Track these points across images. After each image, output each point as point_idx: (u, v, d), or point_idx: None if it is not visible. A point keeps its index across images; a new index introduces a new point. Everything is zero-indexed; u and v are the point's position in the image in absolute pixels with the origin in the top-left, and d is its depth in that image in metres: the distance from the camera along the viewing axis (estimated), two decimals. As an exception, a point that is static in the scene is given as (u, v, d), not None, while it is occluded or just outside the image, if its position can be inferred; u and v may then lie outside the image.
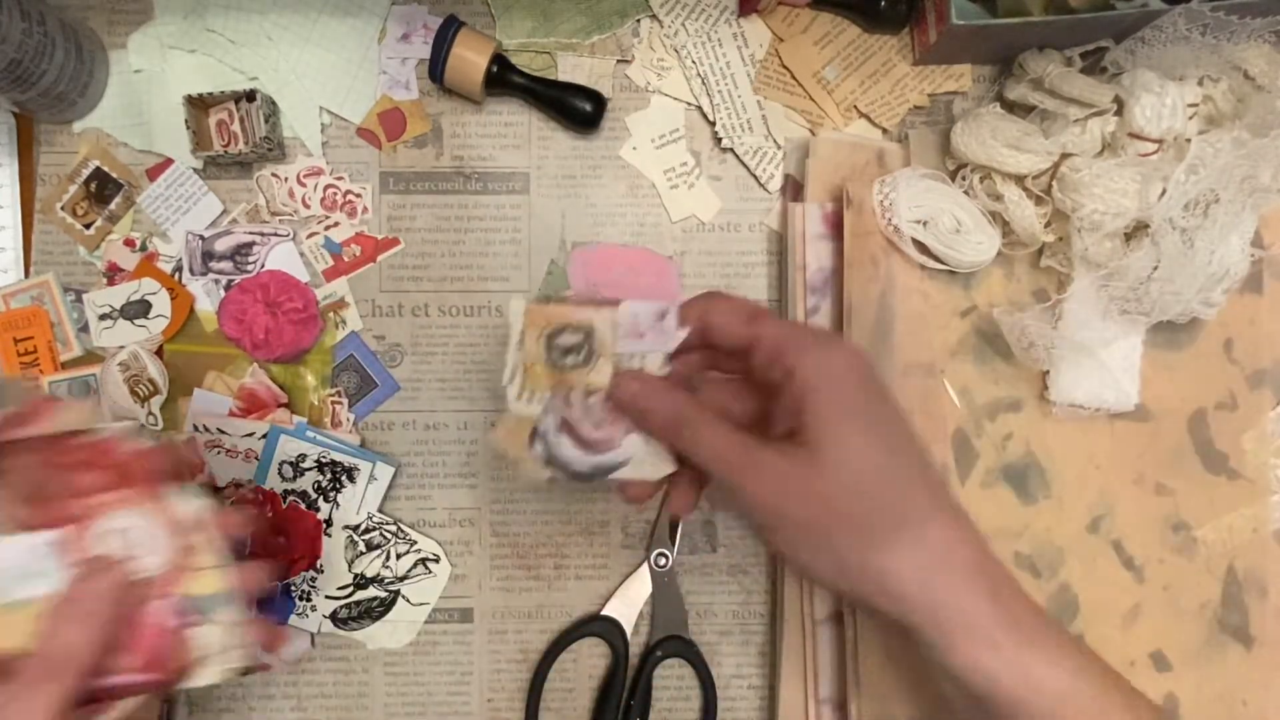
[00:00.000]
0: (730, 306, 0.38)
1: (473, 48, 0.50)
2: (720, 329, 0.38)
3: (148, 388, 0.52)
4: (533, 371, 0.38)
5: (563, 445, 0.39)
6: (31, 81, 0.47)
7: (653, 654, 0.53)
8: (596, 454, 0.38)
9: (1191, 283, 0.47)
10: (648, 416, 0.38)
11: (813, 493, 0.34)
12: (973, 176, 0.50)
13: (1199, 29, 0.46)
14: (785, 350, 0.35)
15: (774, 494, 0.34)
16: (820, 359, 0.35)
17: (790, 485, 0.34)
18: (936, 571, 0.33)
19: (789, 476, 0.34)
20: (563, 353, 0.38)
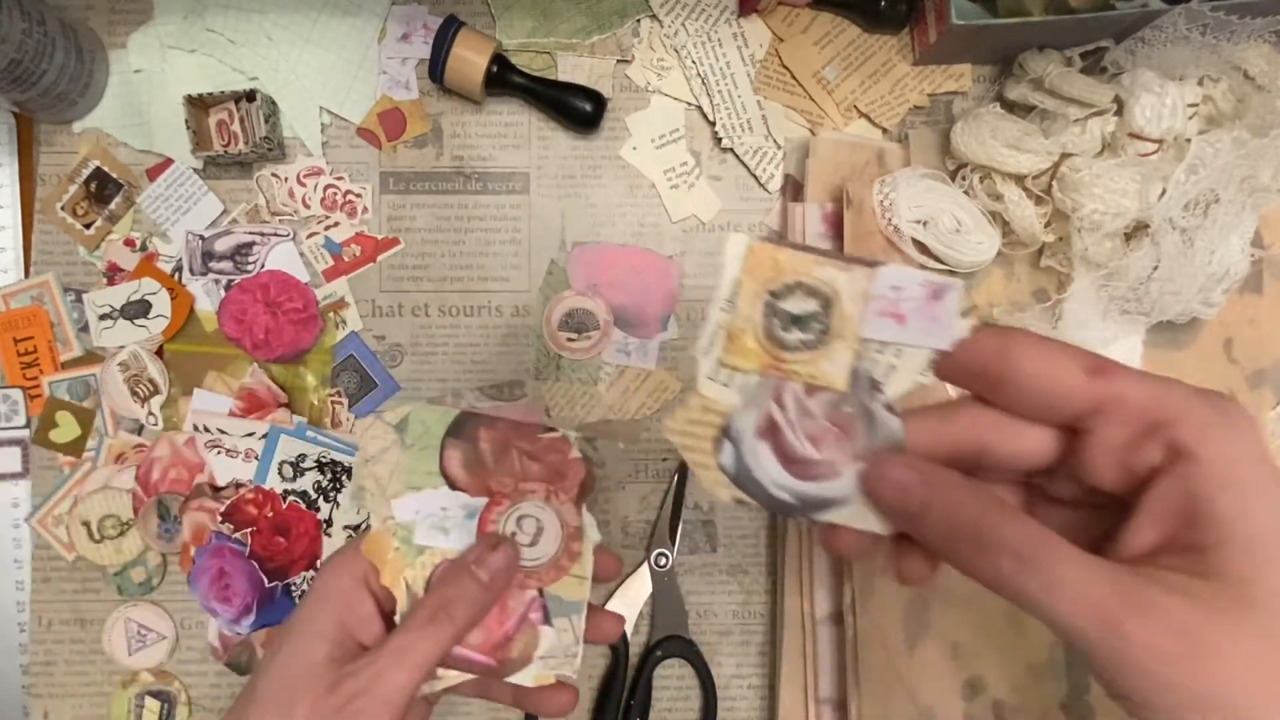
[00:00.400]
0: (1052, 357, 0.26)
1: (473, 48, 0.50)
2: (1037, 389, 0.26)
3: (148, 388, 0.52)
4: (740, 341, 0.28)
5: (761, 457, 0.29)
6: (31, 81, 0.47)
7: (653, 654, 0.53)
8: (806, 480, 0.28)
9: (1191, 283, 0.47)
10: (922, 521, 0.26)
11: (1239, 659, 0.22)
12: (973, 176, 0.50)
13: (1199, 29, 0.46)
14: (1176, 417, 0.24)
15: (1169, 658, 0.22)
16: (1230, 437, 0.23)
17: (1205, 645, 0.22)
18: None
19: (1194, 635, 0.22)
20: (788, 322, 0.28)
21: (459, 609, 0.35)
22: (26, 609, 0.53)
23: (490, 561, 0.36)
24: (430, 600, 0.35)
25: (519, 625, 0.37)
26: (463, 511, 0.37)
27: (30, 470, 0.53)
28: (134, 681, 0.53)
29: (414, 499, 0.37)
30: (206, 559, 0.50)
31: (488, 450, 0.38)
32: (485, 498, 0.37)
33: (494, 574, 0.36)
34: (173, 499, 0.51)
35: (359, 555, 0.36)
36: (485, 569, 0.35)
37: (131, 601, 0.53)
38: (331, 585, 0.36)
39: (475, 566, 0.35)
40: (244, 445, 0.51)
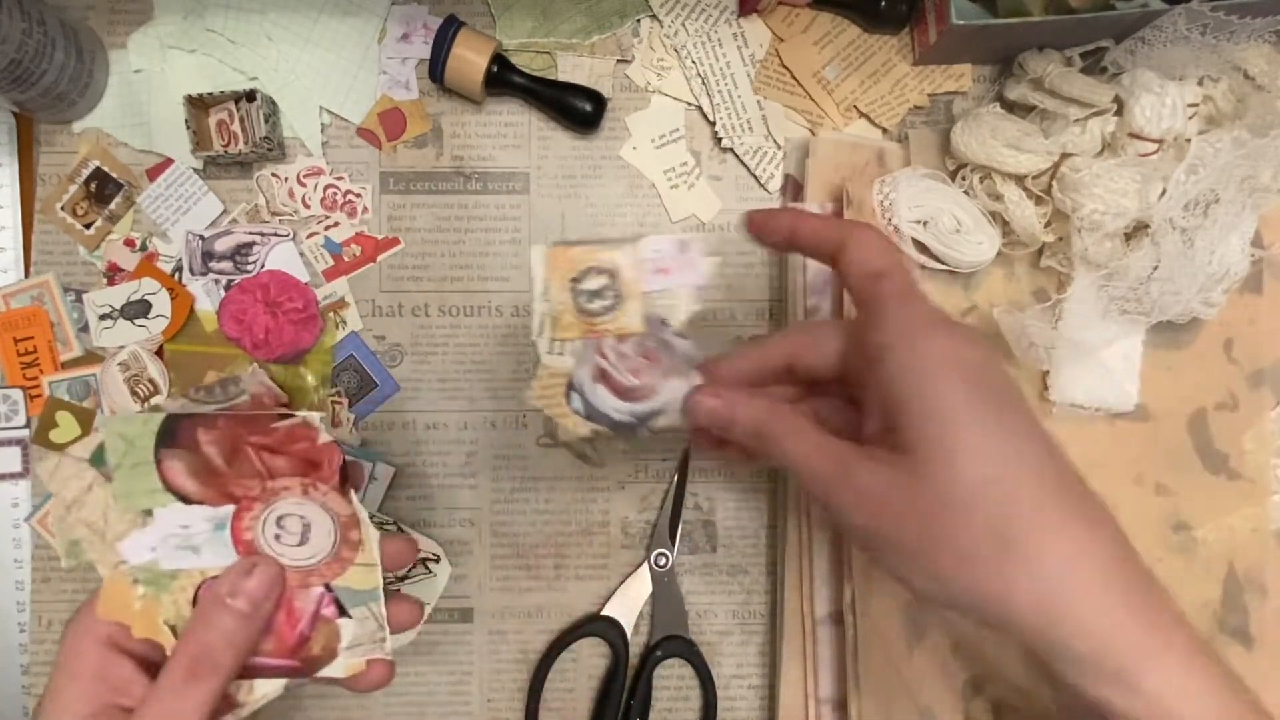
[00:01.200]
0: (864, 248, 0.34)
1: (473, 48, 0.50)
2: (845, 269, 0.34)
3: (148, 388, 0.52)
4: (561, 321, 0.37)
5: (599, 396, 0.37)
6: (31, 81, 0.47)
7: (653, 654, 0.53)
8: (636, 402, 0.37)
9: (1191, 283, 0.47)
10: (730, 431, 0.35)
11: (912, 511, 0.30)
12: (973, 176, 0.50)
13: (1199, 29, 0.46)
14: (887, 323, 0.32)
15: (869, 513, 0.31)
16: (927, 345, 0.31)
17: (887, 502, 0.30)
18: (1057, 596, 0.29)
19: (886, 491, 0.30)
20: (589, 297, 0.37)
21: (222, 653, 0.32)
22: (26, 609, 0.53)
23: (247, 588, 0.32)
24: (186, 650, 0.31)
25: (313, 623, 0.35)
26: (209, 525, 0.33)
27: (30, 470, 0.53)
28: (134, 681, 0.53)
29: (143, 534, 0.33)
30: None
31: (215, 453, 0.33)
32: (231, 505, 0.33)
33: (254, 600, 0.32)
34: (173, 499, 0.51)
35: (95, 618, 0.33)
36: (243, 597, 0.32)
37: (131, 601, 0.53)
38: (79, 657, 0.32)
39: (230, 599, 0.32)
40: (244, 445, 0.51)
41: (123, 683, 0.33)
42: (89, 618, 0.34)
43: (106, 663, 0.33)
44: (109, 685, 0.32)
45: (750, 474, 0.54)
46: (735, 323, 0.54)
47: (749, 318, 0.55)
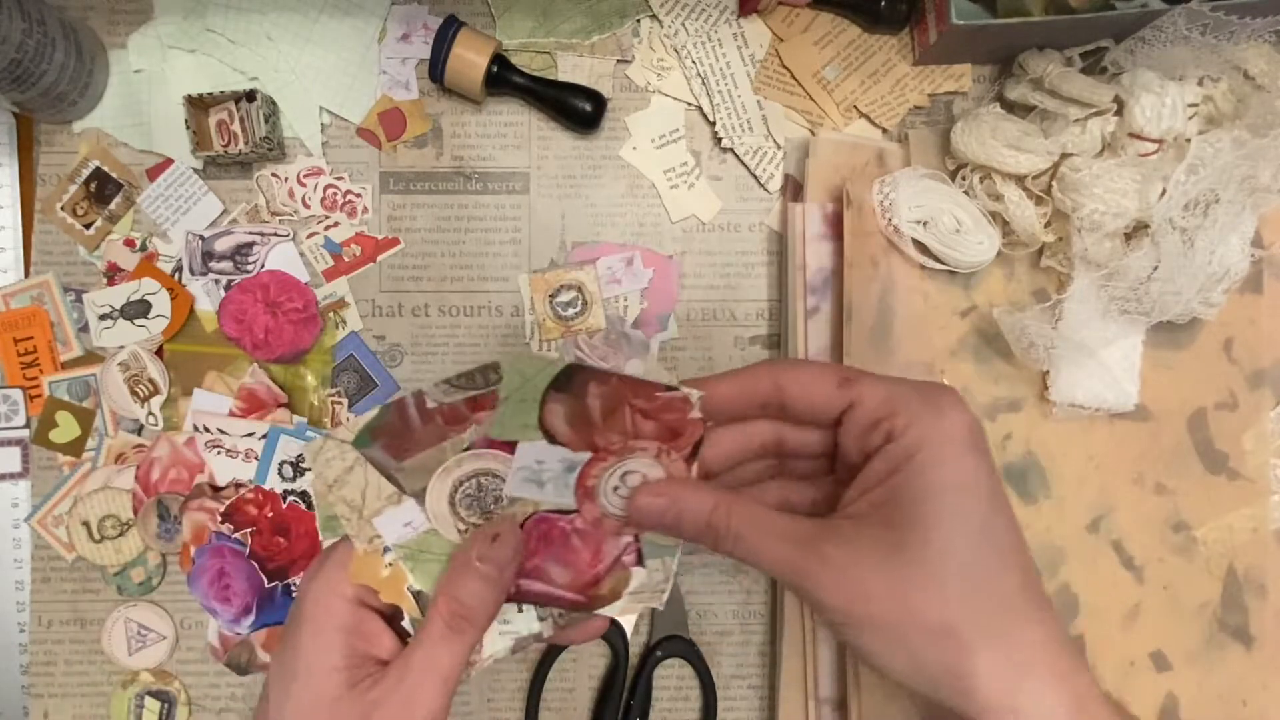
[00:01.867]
0: (813, 374, 0.34)
1: (473, 48, 0.50)
2: (802, 399, 0.34)
3: (148, 388, 0.52)
4: (545, 327, 0.52)
5: None
6: (31, 81, 0.47)
7: (653, 654, 0.53)
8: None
9: (1191, 283, 0.47)
10: (680, 530, 0.34)
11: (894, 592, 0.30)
12: (973, 176, 0.50)
13: (1199, 29, 0.46)
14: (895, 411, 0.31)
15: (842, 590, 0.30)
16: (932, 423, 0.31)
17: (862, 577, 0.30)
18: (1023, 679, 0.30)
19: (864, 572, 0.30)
20: (565, 307, 0.53)
21: (474, 611, 0.34)
22: (26, 609, 0.53)
23: (494, 555, 0.35)
24: (444, 607, 0.34)
25: (611, 567, 0.37)
26: (561, 466, 0.36)
27: (30, 470, 0.53)
28: (134, 681, 0.53)
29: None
30: (206, 559, 0.50)
31: (596, 406, 0.35)
32: (588, 453, 0.36)
33: (500, 565, 0.35)
34: (173, 499, 0.51)
35: (343, 574, 0.35)
36: (490, 563, 0.34)
37: (131, 601, 0.53)
38: (328, 612, 0.35)
39: (479, 562, 0.34)
40: (244, 445, 0.51)
41: (373, 634, 0.35)
42: (334, 573, 0.35)
43: (355, 614, 0.35)
44: (361, 636, 0.34)
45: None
46: (735, 322, 0.54)
47: (749, 318, 0.55)
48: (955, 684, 0.30)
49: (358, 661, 0.34)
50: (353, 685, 0.33)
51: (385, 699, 0.33)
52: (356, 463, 0.36)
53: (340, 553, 0.36)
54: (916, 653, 0.30)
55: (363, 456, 0.35)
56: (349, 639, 0.34)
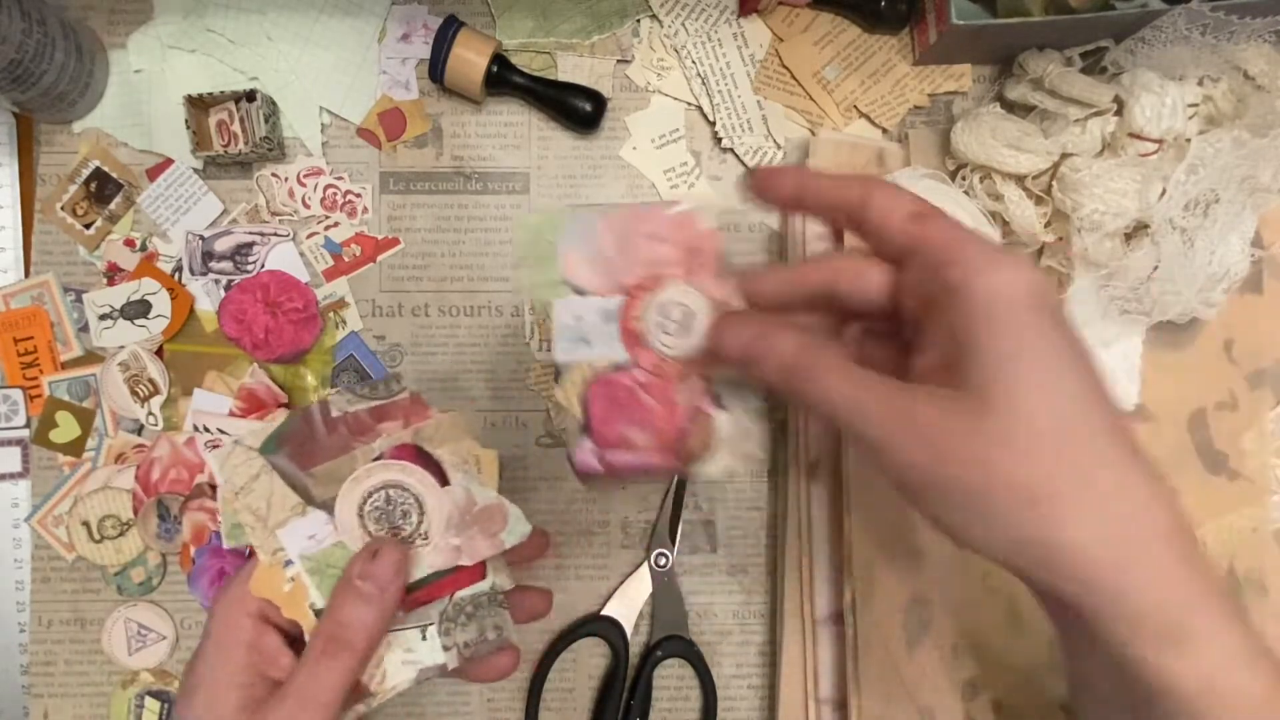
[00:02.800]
0: (893, 196, 0.31)
1: (473, 48, 0.50)
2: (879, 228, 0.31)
3: (148, 388, 0.52)
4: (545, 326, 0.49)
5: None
6: (31, 81, 0.47)
7: (653, 654, 0.53)
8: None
9: (1191, 283, 0.47)
10: (761, 365, 0.31)
11: (976, 452, 0.27)
12: (973, 176, 0.50)
13: (1199, 29, 0.46)
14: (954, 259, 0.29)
15: (925, 455, 0.28)
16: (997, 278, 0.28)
17: (947, 443, 0.28)
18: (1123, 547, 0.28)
19: (946, 432, 0.28)
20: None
21: (353, 632, 0.33)
22: (26, 609, 0.53)
23: (374, 572, 0.34)
24: (323, 629, 0.33)
25: (692, 416, 0.35)
26: (600, 317, 0.35)
27: (30, 470, 0.53)
28: (134, 681, 0.53)
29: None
30: (206, 559, 0.50)
31: (610, 243, 0.34)
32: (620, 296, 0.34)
33: (381, 584, 0.34)
34: (173, 499, 0.51)
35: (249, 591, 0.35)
36: (370, 581, 0.34)
37: (131, 601, 0.53)
38: (230, 627, 0.34)
39: (359, 580, 0.34)
40: (244, 445, 0.51)
41: (272, 653, 0.34)
42: (241, 590, 0.35)
43: (257, 631, 0.34)
44: (261, 655, 0.34)
45: (751, 474, 0.54)
46: (735, 323, 0.54)
47: (749, 318, 0.55)
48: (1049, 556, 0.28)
49: (255, 679, 0.34)
50: (242, 708, 0.33)
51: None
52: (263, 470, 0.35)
53: (247, 569, 0.35)
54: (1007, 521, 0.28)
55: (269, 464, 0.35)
56: (249, 655, 0.34)
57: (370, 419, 0.35)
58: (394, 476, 0.35)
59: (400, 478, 0.35)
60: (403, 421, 0.36)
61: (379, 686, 0.35)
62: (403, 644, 0.36)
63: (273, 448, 0.35)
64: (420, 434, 0.35)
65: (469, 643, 0.36)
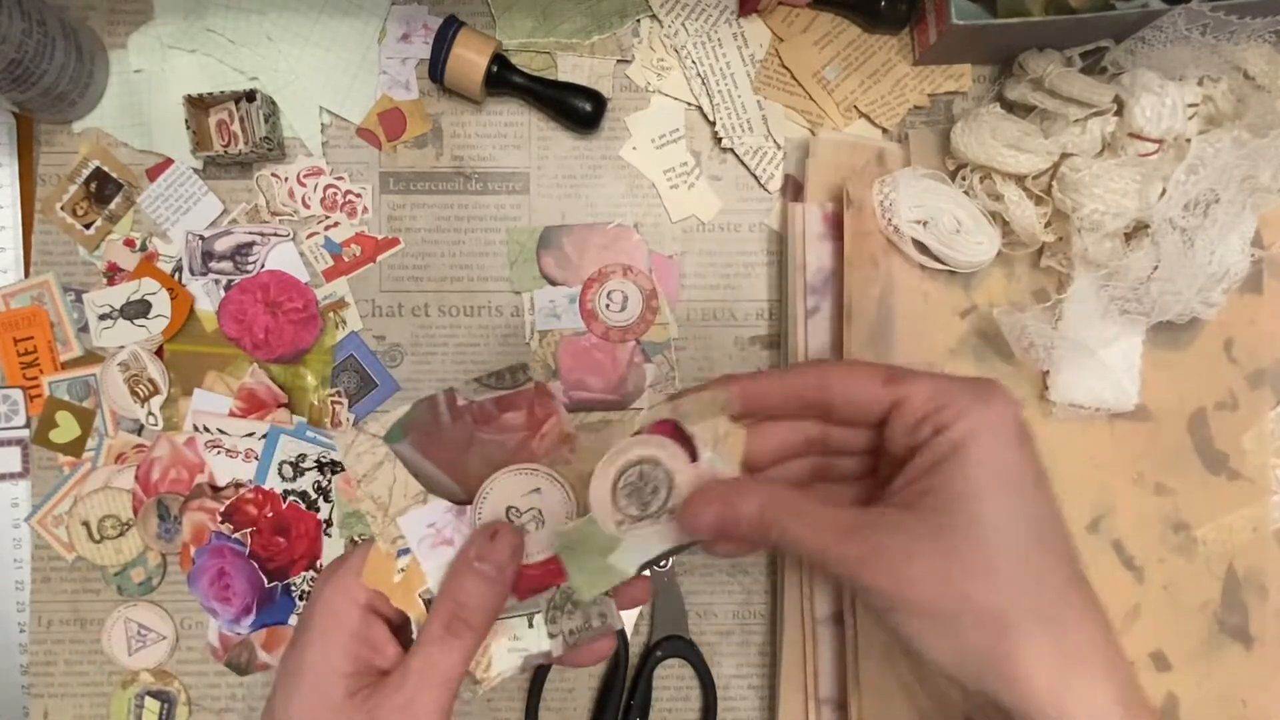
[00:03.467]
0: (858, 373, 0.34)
1: (473, 48, 0.50)
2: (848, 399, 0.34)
3: (148, 388, 0.52)
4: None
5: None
6: (31, 81, 0.47)
7: (653, 654, 0.53)
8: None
9: (1191, 283, 0.47)
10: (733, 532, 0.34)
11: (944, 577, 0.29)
12: (973, 176, 0.50)
13: (1199, 29, 0.46)
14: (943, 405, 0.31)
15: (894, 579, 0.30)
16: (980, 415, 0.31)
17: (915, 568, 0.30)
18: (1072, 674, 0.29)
19: (913, 557, 0.30)
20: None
21: (474, 613, 0.34)
22: (26, 609, 0.53)
23: (493, 554, 0.34)
24: (442, 609, 0.34)
25: (629, 368, 0.51)
26: (567, 300, 0.52)
27: (30, 470, 0.53)
28: (134, 681, 0.53)
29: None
30: (206, 559, 0.50)
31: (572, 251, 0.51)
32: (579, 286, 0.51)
33: (499, 565, 0.34)
34: (173, 499, 0.51)
35: (357, 580, 0.35)
36: (489, 563, 0.34)
37: (131, 601, 0.53)
38: (337, 617, 0.35)
39: (479, 562, 0.34)
40: (244, 445, 0.51)
41: (378, 643, 0.35)
42: (349, 579, 0.35)
43: (364, 621, 0.35)
44: (367, 644, 0.34)
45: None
46: (736, 322, 0.54)
47: (749, 318, 0.54)
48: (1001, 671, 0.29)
49: (362, 669, 0.34)
50: (352, 694, 0.33)
51: (384, 703, 0.33)
52: (386, 458, 0.35)
53: (355, 558, 0.36)
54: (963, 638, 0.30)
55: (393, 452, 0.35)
56: (356, 645, 0.34)
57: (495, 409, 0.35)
58: (651, 452, 0.35)
59: (656, 453, 0.35)
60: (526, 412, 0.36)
61: (484, 674, 0.36)
62: (509, 631, 0.36)
63: (398, 435, 0.35)
64: (679, 409, 0.36)
65: (574, 630, 0.37)
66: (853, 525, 0.31)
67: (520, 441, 0.36)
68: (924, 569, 0.30)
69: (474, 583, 0.34)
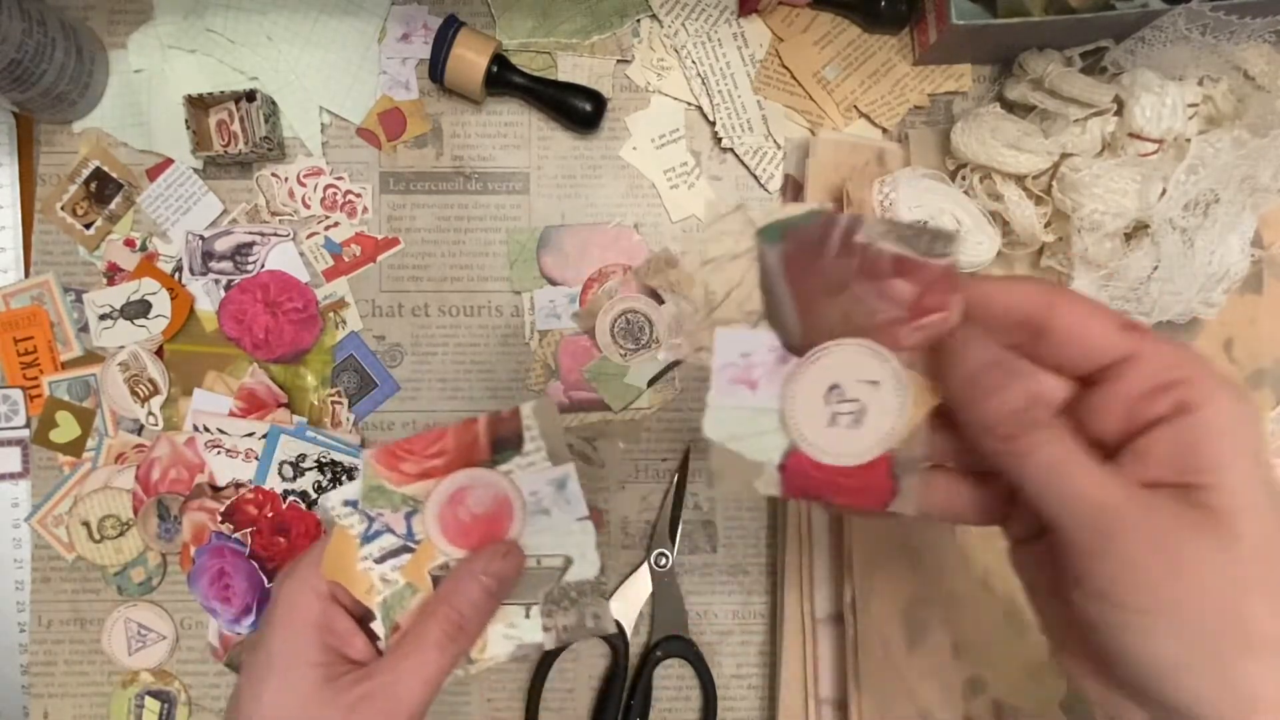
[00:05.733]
0: (1092, 308, 0.28)
1: (473, 48, 0.50)
2: (1071, 335, 0.28)
3: (148, 388, 0.52)
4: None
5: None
6: (31, 81, 0.47)
7: (653, 654, 0.53)
8: None
9: (1191, 283, 0.47)
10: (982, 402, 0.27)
11: (1205, 576, 0.25)
12: (973, 176, 0.50)
13: (1199, 29, 0.46)
14: (1190, 379, 0.26)
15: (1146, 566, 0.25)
16: (1231, 408, 0.26)
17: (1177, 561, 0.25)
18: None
19: (1181, 549, 0.25)
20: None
21: (474, 623, 0.35)
22: (26, 609, 0.53)
23: (501, 570, 0.35)
24: (441, 615, 0.35)
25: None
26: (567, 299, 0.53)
27: (30, 470, 0.53)
28: (134, 681, 0.53)
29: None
30: (206, 559, 0.50)
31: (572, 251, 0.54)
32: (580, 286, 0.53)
33: (504, 581, 0.35)
34: (173, 499, 0.51)
35: (317, 572, 0.35)
36: (494, 578, 0.35)
37: (131, 601, 0.53)
38: (299, 609, 0.35)
39: (484, 576, 0.35)
40: (244, 445, 0.51)
41: (346, 634, 0.35)
42: (308, 572, 0.35)
43: (329, 613, 0.35)
44: (334, 634, 0.35)
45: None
46: (735, 323, 0.54)
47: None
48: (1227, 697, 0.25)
49: (332, 658, 0.34)
50: (330, 680, 0.33)
51: (373, 695, 0.33)
52: (746, 254, 0.29)
53: (314, 553, 0.36)
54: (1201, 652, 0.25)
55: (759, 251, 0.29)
56: (322, 635, 0.34)
57: (890, 267, 0.28)
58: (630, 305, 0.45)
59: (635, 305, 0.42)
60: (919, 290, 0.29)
61: (479, 655, 0.37)
62: (506, 618, 0.37)
63: (775, 235, 0.29)
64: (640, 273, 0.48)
65: (568, 627, 0.37)
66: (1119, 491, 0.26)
67: (892, 320, 0.29)
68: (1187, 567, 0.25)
69: (479, 594, 0.35)
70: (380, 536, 0.36)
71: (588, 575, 0.37)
